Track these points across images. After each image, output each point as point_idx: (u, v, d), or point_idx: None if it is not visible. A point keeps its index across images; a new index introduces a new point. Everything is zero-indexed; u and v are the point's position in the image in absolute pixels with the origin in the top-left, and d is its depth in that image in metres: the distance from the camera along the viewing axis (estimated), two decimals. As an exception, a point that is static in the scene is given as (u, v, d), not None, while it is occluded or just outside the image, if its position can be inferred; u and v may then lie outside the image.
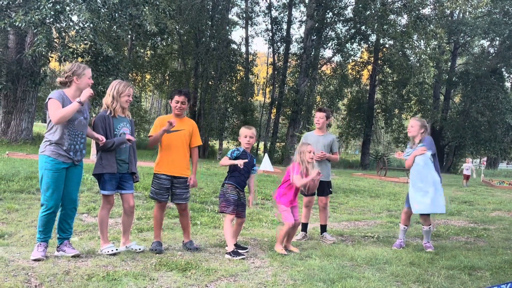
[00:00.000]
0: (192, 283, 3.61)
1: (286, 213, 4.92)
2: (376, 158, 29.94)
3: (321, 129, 5.81)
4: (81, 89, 4.18)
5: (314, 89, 27.70)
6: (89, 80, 4.25)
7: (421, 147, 5.27)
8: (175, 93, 4.83)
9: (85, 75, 4.20)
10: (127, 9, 15.47)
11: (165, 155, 4.71)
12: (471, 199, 11.66)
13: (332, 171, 6.05)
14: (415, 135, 5.41)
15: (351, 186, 12.87)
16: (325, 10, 26.01)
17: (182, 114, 4.86)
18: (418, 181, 5.23)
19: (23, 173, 7.94)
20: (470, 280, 4.03)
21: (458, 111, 31.95)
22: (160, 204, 4.76)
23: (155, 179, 4.73)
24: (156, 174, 4.72)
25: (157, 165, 4.74)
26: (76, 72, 4.17)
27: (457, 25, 27.87)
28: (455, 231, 6.81)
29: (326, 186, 5.76)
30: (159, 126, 4.69)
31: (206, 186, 9.28)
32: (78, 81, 4.16)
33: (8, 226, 5.58)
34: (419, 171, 5.23)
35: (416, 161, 5.26)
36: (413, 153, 5.31)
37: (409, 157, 5.34)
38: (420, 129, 5.37)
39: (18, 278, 3.44)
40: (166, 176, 4.69)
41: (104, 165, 4.34)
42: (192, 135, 4.85)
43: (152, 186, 4.74)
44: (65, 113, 4.00)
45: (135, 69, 28.04)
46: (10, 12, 15.03)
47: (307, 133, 6.00)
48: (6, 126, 18.43)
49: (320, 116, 5.76)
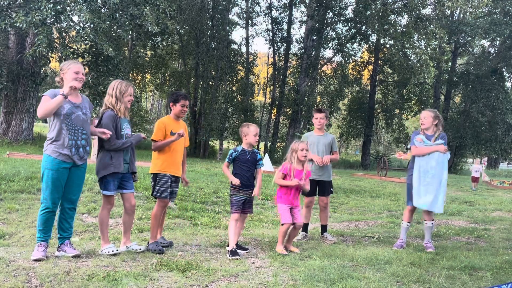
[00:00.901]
0: (193, 283, 3.60)
1: (284, 212, 4.93)
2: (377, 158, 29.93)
3: (321, 129, 5.82)
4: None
5: (315, 89, 27.69)
6: (76, 75, 4.15)
7: (443, 145, 5.18)
8: (181, 97, 4.80)
9: (70, 69, 4.16)
10: (128, 9, 15.48)
11: (170, 156, 4.72)
12: (472, 199, 11.65)
13: (332, 171, 6.05)
14: (429, 127, 5.30)
15: (352, 186, 12.87)
16: (325, 10, 26.01)
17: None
18: (427, 176, 5.19)
19: (23, 173, 7.94)
20: (471, 281, 4.02)
21: (459, 111, 31.92)
22: (164, 202, 4.76)
23: (161, 178, 4.69)
24: (160, 173, 4.69)
25: (161, 166, 4.71)
26: (63, 67, 4.19)
27: (458, 25, 27.84)
28: (456, 232, 6.80)
29: (327, 186, 5.76)
30: (163, 130, 4.69)
31: (206, 186, 9.28)
32: (64, 76, 4.16)
33: (9, 226, 5.58)
34: (432, 167, 5.17)
35: (432, 156, 5.17)
36: (436, 147, 5.18)
37: (425, 149, 5.20)
38: (434, 120, 5.28)
39: (18, 278, 3.44)
40: (169, 176, 4.71)
41: (115, 165, 4.34)
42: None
43: (157, 185, 4.69)
44: (47, 106, 3.98)
45: (136, 69, 28.07)
46: (11, 13, 15.03)
47: (307, 133, 6.01)
48: (6, 126, 18.43)
49: (321, 117, 5.76)
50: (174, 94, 4.89)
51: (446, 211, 9.19)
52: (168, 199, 4.77)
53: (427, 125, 5.31)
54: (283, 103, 27.95)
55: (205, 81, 25.60)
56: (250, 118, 27.30)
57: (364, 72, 32.87)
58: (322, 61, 28.94)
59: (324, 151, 5.69)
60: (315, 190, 5.75)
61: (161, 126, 4.72)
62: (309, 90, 26.37)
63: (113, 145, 4.32)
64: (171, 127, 4.72)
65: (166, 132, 4.69)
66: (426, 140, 5.28)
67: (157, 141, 4.68)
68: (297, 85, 26.74)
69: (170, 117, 4.85)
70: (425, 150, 5.23)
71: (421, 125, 5.39)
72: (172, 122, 4.79)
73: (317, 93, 29.16)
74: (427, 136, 5.31)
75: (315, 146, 5.70)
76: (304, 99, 25.93)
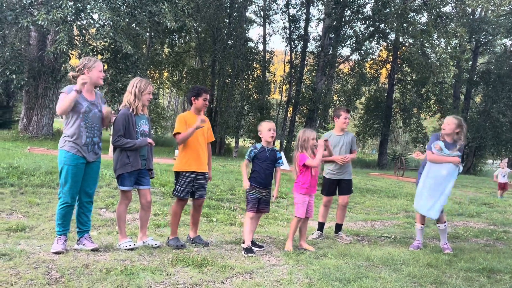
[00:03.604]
0: (208, 279, 3.64)
1: (300, 206, 4.92)
2: (394, 158, 29.60)
3: (343, 129, 5.80)
4: (93, 82, 4.24)
5: (332, 87, 27.51)
6: (100, 73, 4.25)
7: (457, 157, 5.08)
8: (203, 91, 4.81)
9: (95, 67, 4.23)
10: (147, 7, 15.63)
11: (191, 152, 4.70)
12: (491, 201, 11.44)
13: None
14: (449, 133, 5.15)
15: (368, 186, 12.77)
16: (343, 8, 25.78)
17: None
18: (435, 184, 5.11)
19: (44, 168, 8.10)
20: (489, 283, 3.96)
21: (479, 111, 31.32)
22: (183, 202, 4.76)
23: (183, 177, 4.67)
24: (183, 172, 4.67)
25: (184, 163, 4.68)
26: (87, 65, 4.23)
27: (479, 23, 27.29)
28: (474, 233, 6.70)
29: (348, 185, 5.76)
30: (184, 123, 4.68)
31: (222, 183, 9.32)
32: (89, 74, 4.21)
33: (29, 219, 5.71)
34: (441, 176, 5.08)
35: (445, 166, 5.07)
36: (450, 159, 5.06)
37: (440, 159, 5.09)
38: (457, 128, 5.13)
39: (39, 270, 3.53)
40: (193, 174, 4.69)
41: (133, 163, 4.39)
42: (208, 130, 4.92)
43: (178, 185, 4.69)
44: (63, 103, 4.05)
45: (153, 67, 28.30)
46: (33, 11, 15.33)
47: (326, 133, 5.97)
48: (27, 122, 18.81)
49: (348, 117, 5.76)
50: (195, 88, 4.89)
51: (465, 213, 9.06)
52: (187, 199, 4.75)
53: (448, 131, 5.15)
54: (299, 102, 27.84)
55: (221, 79, 25.68)
56: (266, 116, 27.28)
57: (382, 71, 32.49)
58: (340, 60, 28.72)
59: (347, 151, 5.68)
60: (335, 190, 5.73)
61: (181, 119, 4.72)
62: (326, 89, 26.22)
63: (117, 141, 4.37)
64: (191, 122, 4.69)
65: (187, 126, 4.67)
66: (445, 149, 5.13)
67: (179, 133, 4.66)
68: (314, 84, 26.61)
69: (190, 112, 4.85)
70: (440, 159, 5.10)
71: (442, 130, 5.23)
72: (192, 117, 4.77)
73: (334, 92, 28.97)
74: (446, 144, 5.16)
75: (338, 146, 5.68)
76: (320, 98, 25.79)
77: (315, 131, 5.10)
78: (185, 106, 41.00)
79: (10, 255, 3.84)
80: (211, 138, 4.99)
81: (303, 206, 4.92)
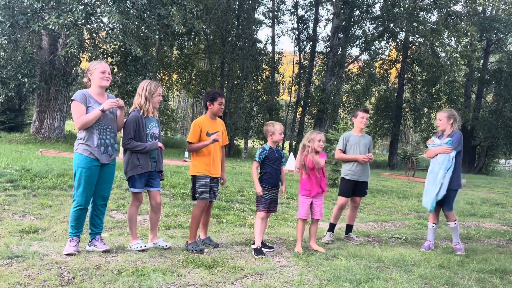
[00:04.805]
0: (219, 280, 3.65)
1: (302, 206, 4.97)
2: (404, 158, 29.36)
3: (362, 130, 5.79)
4: (97, 84, 4.26)
5: (341, 88, 27.39)
6: (102, 75, 4.24)
7: (447, 146, 5.15)
8: (218, 95, 4.75)
9: (96, 69, 4.25)
10: (156, 10, 15.73)
11: (207, 158, 4.68)
12: (504, 201, 11.29)
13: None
14: (445, 128, 5.31)
15: (378, 186, 12.69)
16: (352, 8, 25.67)
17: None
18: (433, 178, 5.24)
19: (55, 170, 8.19)
20: (502, 284, 3.92)
21: (491, 110, 30.95)
22: (205, 203, 4.71)
23: (200, 179, 4.65)
24: (199, 175, 4.66)
25: (200, 168, 4.67)
26: (89, 68, 4.29)
27: (490, 22, 26.97)
28: (487, 234, 6.62)
29: (364, 187, 5.75)
30: (198, 132, 4.65)
31: (231, 185, 9.34)
32: (91, 76, 4.26)
33: (42, 221, 5.77)
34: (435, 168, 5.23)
35: (437, 157, 5.21)
36: (438, 149, 5.22)
37: (432, 152, 5.30)
38: (449, 120, 5.26)
39: (51, 271, 3.57)
40: (208, 177, 4.68)
41: (143, 166, 4.42)
42: (223, 133, 4.94)
43: (197, 187, 4.65)
44: (86, 120, 4.13)
45: (163, 69, 28.48)
46: (44, 15, 15.52)
47: (347, 134, 5.92)
48: (39, 125, 19.03)
49: (367, 117, 5.74)
50: (210, 92, 4.84)
51: (477, 213, 8.95)
52: (208, 200, 4.74)
53: (442, 126, 5.32)
54: (308, 102, 27.78)
55: (230, 80, 25.74)
56: (275, 117, 27.26)
57: (391, 71, 32.28)
58: (349, 60, 28.59)
59: (365, 152, 5.66)
60: (353, 191, 5.69)
61: (196, 128, 4.67)
62: (335, 89, 26.11)
63: (127, 144, 4.41)
64: (207, 128, 4.68)
65: (202, 133, 4.65)
66: (436, 140, 5.34)
67: (192, 143, 4.67)
68: (323, 84, 26.53)
69: (206, 116, 4.81)
70: (433, 152, 5.29)
71: (438, 126, 5.44)
72: (208, 122, 4.75)
73: (344, 92, 28.85)
74: (440, 137, 5.36)
75: (357, 147, 5.66)
76: (330, 98, 25.70)
77: (323, 133, 5.08)
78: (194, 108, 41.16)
79: (23, 256, 3.89)
80: (225, 141, 5.00)
81: (304, 207, 4.94)
